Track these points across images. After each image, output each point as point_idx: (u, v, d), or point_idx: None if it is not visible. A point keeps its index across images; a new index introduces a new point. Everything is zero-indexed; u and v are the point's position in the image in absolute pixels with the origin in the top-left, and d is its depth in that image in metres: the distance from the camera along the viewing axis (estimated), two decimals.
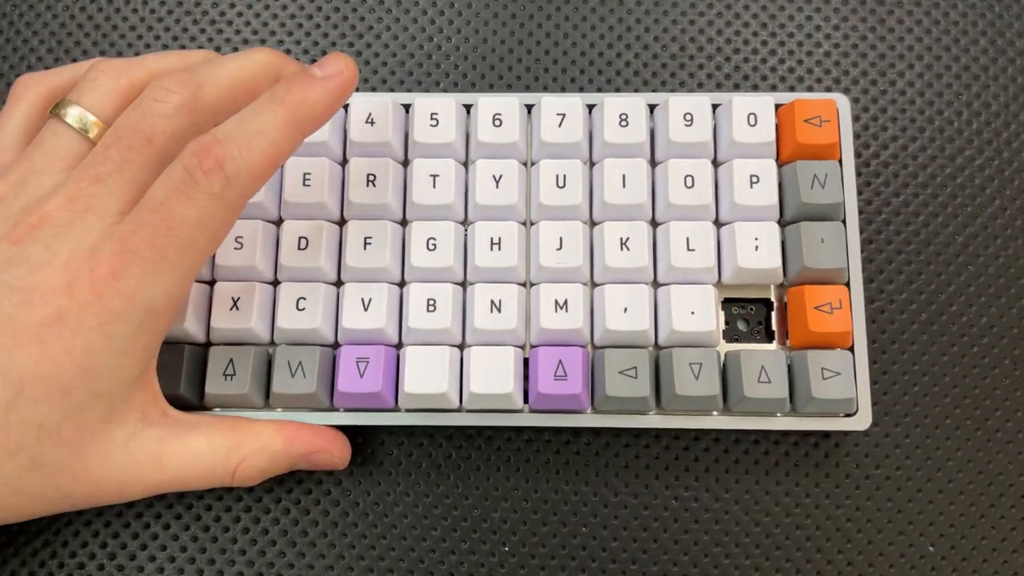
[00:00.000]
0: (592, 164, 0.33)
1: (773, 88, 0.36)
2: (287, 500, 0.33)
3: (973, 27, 0.37)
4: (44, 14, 0.37)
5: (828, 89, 0.36)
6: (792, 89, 0.36)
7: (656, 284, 0.32)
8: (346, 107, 0.33)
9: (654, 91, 0.36)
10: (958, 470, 0.33)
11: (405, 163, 0.33)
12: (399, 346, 0.32)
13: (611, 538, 0.33)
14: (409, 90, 0.36)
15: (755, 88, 0.36)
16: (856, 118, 0.36)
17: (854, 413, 0.31)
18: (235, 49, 0.37)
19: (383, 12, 0.37)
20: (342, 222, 0.33)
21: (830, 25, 0.37)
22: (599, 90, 0.36)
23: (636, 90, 0.36)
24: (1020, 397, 0.33)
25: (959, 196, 0.35)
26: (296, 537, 0.33)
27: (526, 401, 0.31)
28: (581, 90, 0.36)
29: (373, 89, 0.36)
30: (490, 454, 0.33)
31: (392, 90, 0.36)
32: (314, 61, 0.36)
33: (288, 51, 0.37)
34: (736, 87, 0.36)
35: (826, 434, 0.33)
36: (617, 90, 0.36)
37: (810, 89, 0.36)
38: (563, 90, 0.36)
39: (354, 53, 0.37)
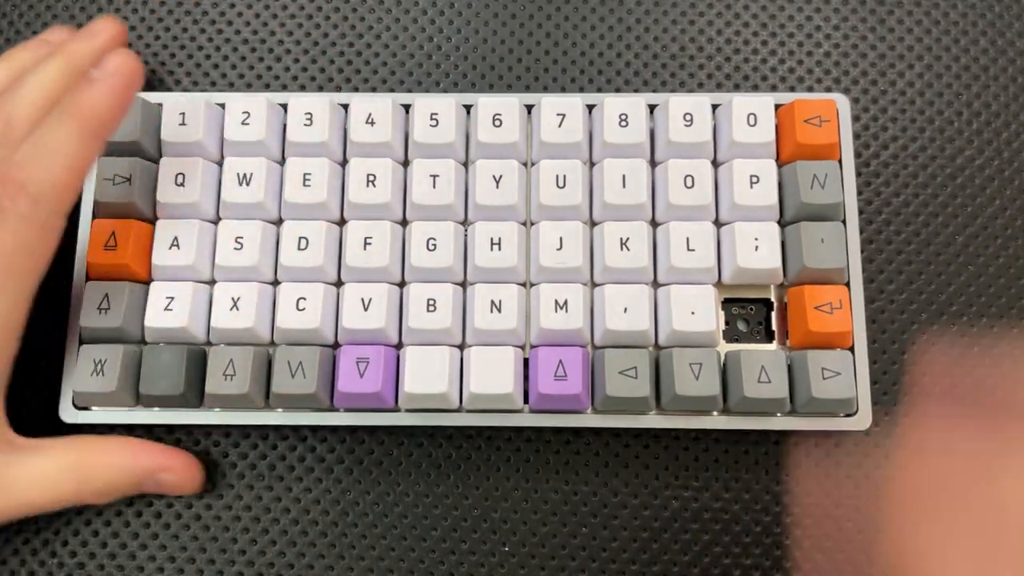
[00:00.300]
0: (592, 164, 0.33)
1: (773, 88, 0.36)
2: (287, 500, 0.33)
3: (973, 27, 0.37)
4: (44, 14, 0.37)
5: (828, 89, 0.36)
6: (792, 89, 0.36)
7: (656, 284, 0.32)
8: (346, 107, 0.33)
9: (654, 91, 0.36)
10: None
11: (405, 163, 0.33)
12: (399, 346, 0.32)
13: (611, 538, 0.33)
14: (409, 90, 0.36)
15: (755, 88, 0.36)
16: (856, 118, 0.36)
17: (854, 413, 0.31)
18: (235, 50, 0.37)
19: (383, 12, 0.37)
20: (342, 222, 0.33)
21: (830, 25, 0.37)
22: (599, 90, 0.36)
23: (636, 90, 0.36)
24: (1020, 399, 0.33)
25: (959, 196, 0.35)
26: (296, 537, 0.33)
27: (526, 401, 0.31)
28: (581, 90, 0.36)
29: (373, 89, 0.36)
30: (490, 454, 0.33)
31: (392, 90, 0.36)
32: (314, 62, 0.36)
33: (288, 51, 0.37)
34: (736, 87, 0.36)
35: (826, 434, 0.33)
36: (617, 90, 0.36)
37: (810, 89, 0.36)
38: (563, 90, 0.36)
39: (354, 53, 0.37)
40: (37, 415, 0.33)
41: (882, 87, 0.36)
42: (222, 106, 0.33)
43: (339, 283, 0.32)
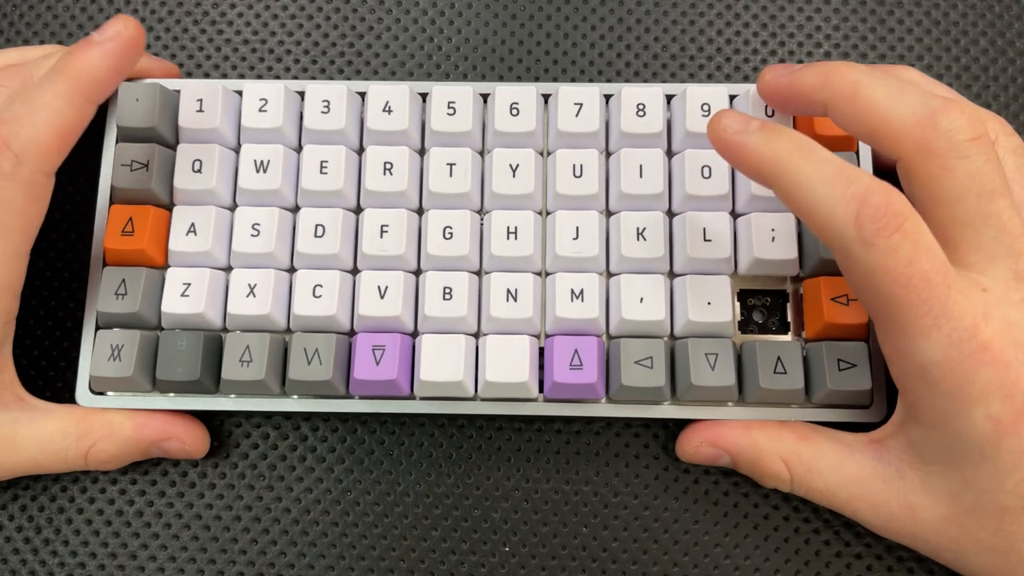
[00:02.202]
0: (609, 154, 0.33)
1: None
2: (287, 500, 0.33)
3: (973, 27, 0.37)
4: (44, 14, 0.37)
5: None
6: None
7: (672, 274, 0.32)
8: (363, 95, 0.33)
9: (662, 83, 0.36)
10: None
11: (422, 152, 0.33)
12: (415, 334, 0.32)
13: (611, 538, 0.33)
14: (428, 75, 0.36)
15: None
16: None
17: (869, 405, 0.31)
18: (235, 50, 0.37)
19: (397, 2, 0.37)
20: (359, 210, 0.33)
21: (830, 25, 0.37)
22: (608, 81, 0.36)
23: (645, 82, 0.36)
24: None
25: None
26: (297, 537, 0.33)
27: (541, 390, 0.31)
28: (590, 81, 0.36)
29: (393, 74, 0.36)
30: (490, 454, 0.33)
31: (410, 77, 0.36)
32: (315, 62, 0.36)
33: (288, 51, 0.37)
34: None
35: (841, 426, 0.33)
36: (626, 82, 0.36)
37: None
38: (573, 81, 0.36)
39: (364, 45, 0.37)
40: (53, 399, 0.33)
41: None
42: (239, 93, 0.33)
43: (355, 271, 0.32)
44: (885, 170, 0.30)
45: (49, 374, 0.34)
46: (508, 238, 0.31)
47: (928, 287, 0.25)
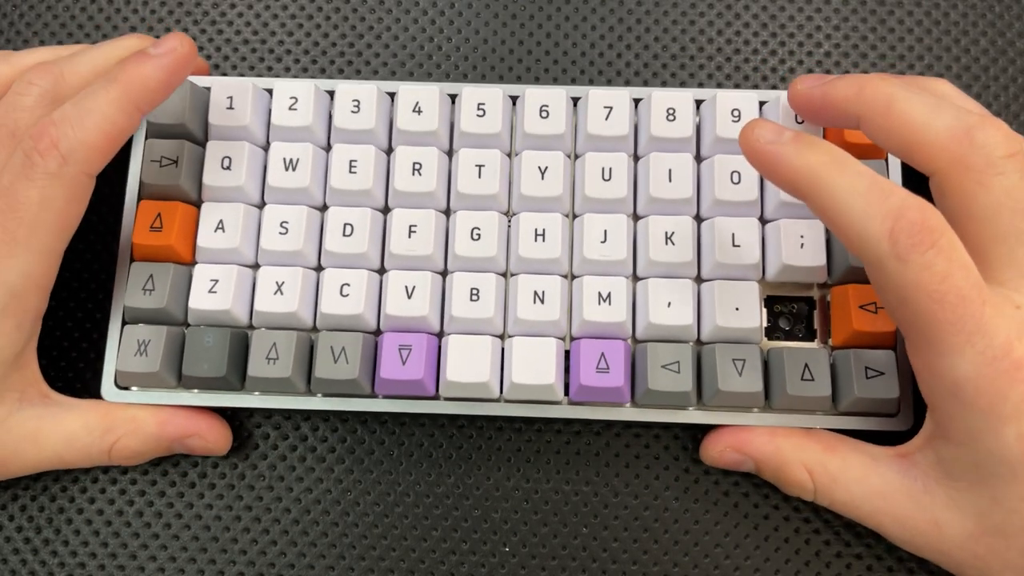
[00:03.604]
0: (637, 158, 0.33)
1: (774, 88, 0.36)
2: (288, 500, 0.33)
3: (973, 27, 0.37)
4: (44, 14, 0.37)
5: None
6: None
7: (700, 279, 0.32)
8: (393, 95, 0.33)
9: (662, 85, 0.36)
10: None
11: (450, 153, 0.33)
12: (441, 334, 0.32)
13: (611, 538, 0.33)
14: (427, 78, 0.36)
15: (755, 88, 0.36)
16: None
17: (896, 414, 0.31)
18: (235, 50, 0.37)
19: (383, 12, 0.37)
20: (387, 210, 0.33)
21: (830, 25, 0.37)
22: (609, 83, 0.36)
23: (645, 83, 0.36)
24: None
25: None
26: (297, 537, 0.33)
27: (566, 393, 0.31)
28: (591, 83, 0.36)
29: (393, 73, 0.36)
30: (490, 454, 0.33)
31: (412, 77, 0.36)
32: (315, 62, 0.36)
33: (288, 51, 0.37)
34: (737, 87, 0.36)
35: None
36: (627, 83, 0.36)
37: None
38: (573, 82, 0.36)
39: (364, 45, 0.37)
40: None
41: None
42: (269, 91, 0.33)
43: (383, 270, 0.32)
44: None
45: (76, 368, 0.34)
46: (536, 240, 0.31)
47: (962, 304, 0.25)
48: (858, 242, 0.26)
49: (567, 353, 0.31)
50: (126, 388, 0.32)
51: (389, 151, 0.33)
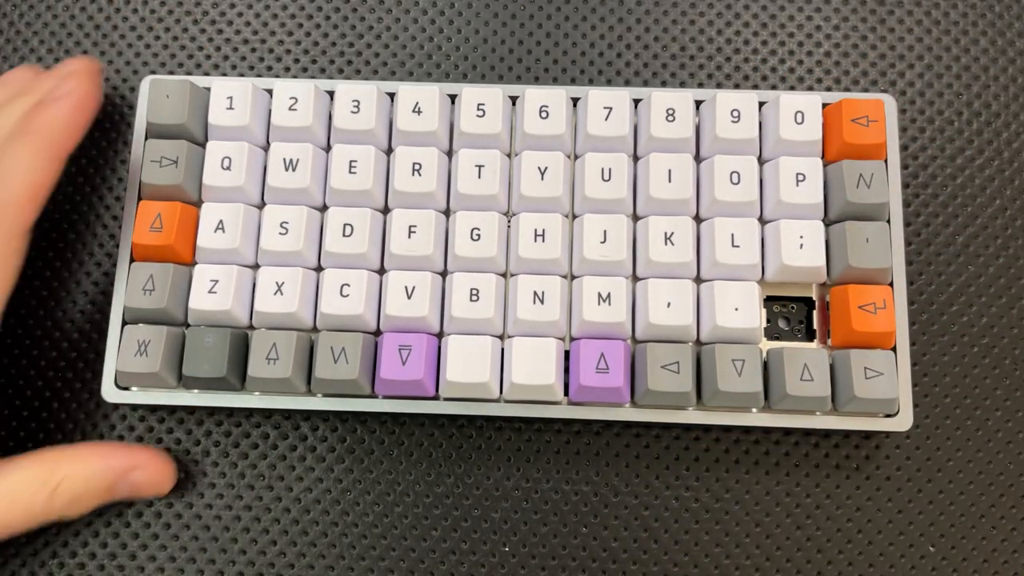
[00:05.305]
0: (637, 158, 0.33)
1: (773, 88, 0.36)
2: (287, 500, 0.33)
3: (973, 27, 0.37)
4: (44, 14, 0.37)
5: (828, 89, 0.36)
6: (792, 89, 0.36)
7: (699, 280, 0.32)
8: (393, 95, 0.33)
9: (661, 85, 0.36)
10: (999, 472, 0.33)
11: (449, 153, 0.33)
12: (441, 335, 0.32)
13: (611, 538, 0.33)
14: (427, 78, 0.36)
15: (755, 88, 0.36)
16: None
17: (895, 414, 0.31)
18: (235, 50, 0.37)
19: (383, 12, 0.37)
20: (386, 210, 0.33)
21: (830, 25, 0.37)
22: (608, 83, 0.36)
23: (645, 83, 0.36)
24: None
25: (959, 196, 0.35)
26: (296, 537, 0.33)
27: (566, 393, 0.31)
28: (591, 82, 0.36)
29: (392, 73, 0.36)
30: (490, 454, 0.33)
31: (412, 77, 0.36)
32: (315, 62, 0.36)
33: (288, 51, 0.37)
34: (736, 87, 0.36)
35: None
36: (627, 83, 0.36)
37: (810, 89, 0.36)
38: (572, 83, 0.36)
39: (364, 45, 0.37)
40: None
41: (882, 87, 0.36)
42: (269, 91, 0.33)
43: (383, 270, 0.32)
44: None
45: (76, 368, 0.34)
46: (535, 241, 0.31)
47: None
48: None
49: (567, 353, 0.31)
50: (126, 388, 0.32)
51: (389, 151, 0.33)
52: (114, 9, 0.37)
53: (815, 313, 0.32)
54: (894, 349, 0.31)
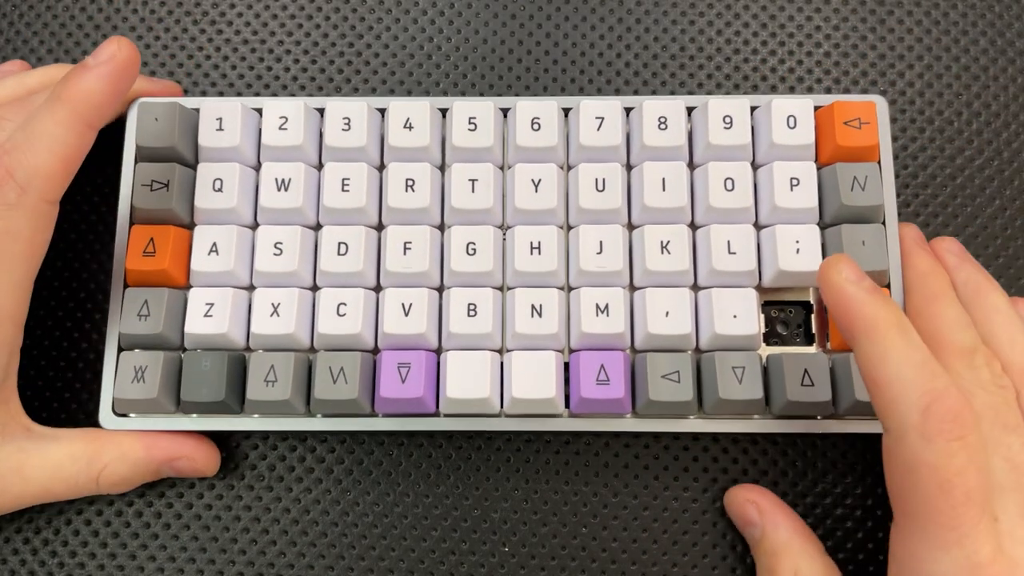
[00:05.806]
0: (631, 167, 0.33)
1: (773, 88, 0.36)
2: (287, 500, 0.33)
3: (973, 27, 0.37)
4: (44, 14, 0.37)
5: (828, 90, 0.36)
6: (792, 89, 0.36)
7: (697, 287, 0.32)
8: (383, 112, 0.33)
9: (654, 92, 0.36)
10: None
11: (442, 168, 0.33)
12: (439, 351, 0.32)
13: (611, 538, 0.33)
14: (444, 93, 0.36)
15: (755, 88, 0.36)
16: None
17: None
18: (235, 50, 0.36)
19: (374, 21, 0.37)
20: (381, 227, 0.33)
21: (830, 25, 0.37)
22: (599, 91, 0.36)
23: (635, 91, 0.36)
24: None
25: (958, 196, 0.35)
26: (296, 537, 0.33)
27: (567, 406, 0.31)
28: (581, 91, 0.36)
29: (393, 81, 0.36)
30: (489, 454, 0.33)
31: (411, 88, 0.36)
32: (315, 62, 0.36)
33: (288, 51, 0.37)
34: (736, 87, 0.36)
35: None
36: (617, 91, 0.36)
37: (810, 90, 0.36)
38: (563, 91, 0.36)
39: (355, 54, 0.37)
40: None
41: (882, 87, 0.36)
42: (259, 111, 0.33)
43: (379, 288, 0.32)
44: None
45: (73, 395, 0.34)
46: (531, 253, 0.31)
47: (966, 503, 0.25)
48: (890, 404, 0.25)
49: (566, 366, 0.31)
50: (124, 415, 0.31)
51: (381, 168, 0.33)
52: (114, 9, 0.37)
53: (813, 316, 0.32)
54: None
